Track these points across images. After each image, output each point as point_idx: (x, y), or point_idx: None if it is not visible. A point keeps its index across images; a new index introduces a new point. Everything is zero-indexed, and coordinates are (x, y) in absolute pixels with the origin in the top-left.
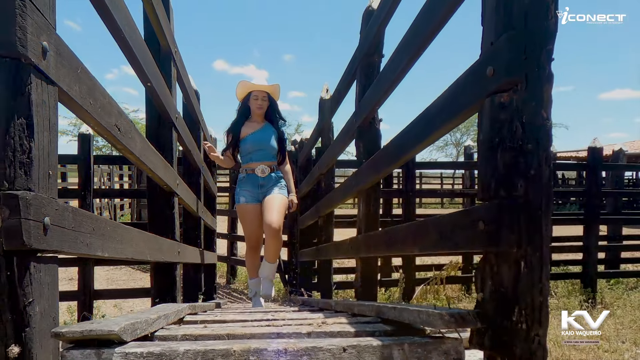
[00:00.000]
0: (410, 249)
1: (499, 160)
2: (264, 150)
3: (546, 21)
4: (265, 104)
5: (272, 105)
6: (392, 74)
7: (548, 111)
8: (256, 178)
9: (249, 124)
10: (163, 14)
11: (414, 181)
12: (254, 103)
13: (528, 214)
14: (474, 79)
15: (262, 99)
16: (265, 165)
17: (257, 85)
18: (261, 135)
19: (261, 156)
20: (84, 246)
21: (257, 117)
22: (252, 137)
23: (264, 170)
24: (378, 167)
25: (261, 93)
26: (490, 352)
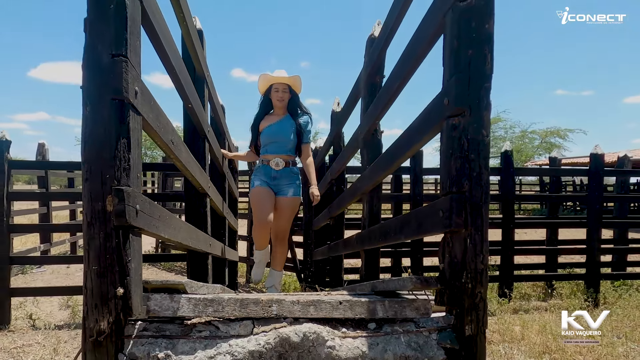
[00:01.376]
0: (399, 238)
1: (452, 166)
2: (279, 143)
3: (484, 67)
4: (287, 96)
5: (293, 98)
6: (387, 95)
7: (487, 130)
8: (269, 170)
9: (270, 117)
10: (198, 45)
11: (421, 186)
12: (274, 95)
13: (471, 205)
14: (436, 106)
15: (283, 91)
16: (280, 159)
17: (277, 77)
18: (277, 128)
19: (276, 148)
20: (154, 228)
21: (278, 110)
22: (268, 129)
23: (279, 163)
24: (378, 172)
25: (282, 85)
26: (448, 307)
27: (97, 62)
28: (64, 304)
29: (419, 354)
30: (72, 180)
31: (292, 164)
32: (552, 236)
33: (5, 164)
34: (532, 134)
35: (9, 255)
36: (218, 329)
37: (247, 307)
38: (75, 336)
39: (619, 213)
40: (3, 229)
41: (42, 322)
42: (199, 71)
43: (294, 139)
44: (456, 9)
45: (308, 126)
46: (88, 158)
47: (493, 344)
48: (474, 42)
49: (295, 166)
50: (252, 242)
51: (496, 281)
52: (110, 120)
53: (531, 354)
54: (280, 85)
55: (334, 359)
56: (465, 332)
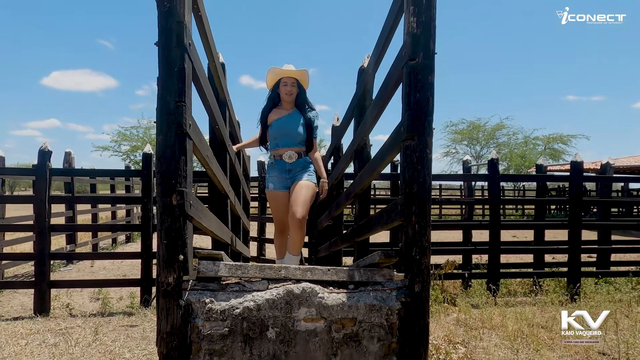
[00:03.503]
0: (377, 229)
1: (406, 174)
2: (290, 137)
3: (427, 106)
4: (295, 90)
5: (301, 93)
6: (370, 118)
7: (430, 149)
8: (283, 164)
9: (278, 111)
10: (222, 75)
11: None
12: (283, 89)
13: (418, 201)
14: (397, 132)
15: (291, 85)
16: (293, 152)
17: (285, 71)
18: (287, 121)
19: (287, 142)
20: (199, 218)
21: (286, 104)
22: (277, 123)
23: (291, 155)
24: (364, 179)
25: (290, 79)
26: (403, 273)
27: (166, 106)
28: (93, 297)
29: (382, 304)
30: (94, 186)
31: (304, 155)
32: (539, 237)
33: (47, 171)
34: (535, 140)
35: (49, 252)
36: (244, 286)
37: (264, 271)
38: (109, 322)
39: (600, 216)
40: (45, 228)
41: (77, 311)
42: (221, 96)
43: (303, 133)
44: (408, 65)
45: (316, 121)
46: (160, 169)
47: (474, 329)
48: (420, 89)
49: (307, 156)
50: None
51: (484, 278)
52: (174, 145)
53: (505, 337)
54: (289, 79)
55: (323, 305)
56: (415, 289)
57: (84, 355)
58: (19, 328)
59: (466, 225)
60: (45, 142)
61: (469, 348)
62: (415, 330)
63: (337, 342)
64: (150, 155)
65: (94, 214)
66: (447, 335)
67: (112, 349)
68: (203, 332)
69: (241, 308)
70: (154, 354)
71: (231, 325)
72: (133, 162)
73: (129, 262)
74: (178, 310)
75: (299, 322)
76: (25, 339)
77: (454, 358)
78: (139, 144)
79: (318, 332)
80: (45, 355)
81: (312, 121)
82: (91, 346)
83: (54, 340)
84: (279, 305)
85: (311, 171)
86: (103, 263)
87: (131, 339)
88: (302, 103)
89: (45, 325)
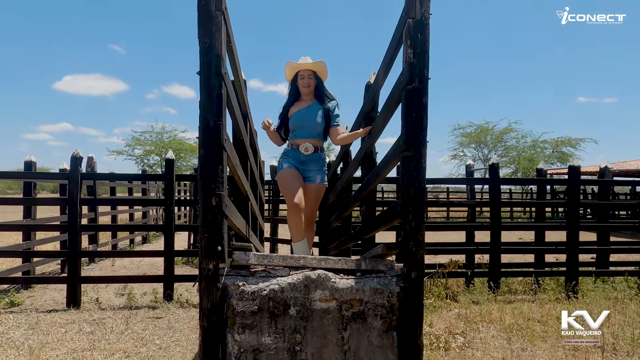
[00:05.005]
0: (380, 227)
1: (404, 180)
2: (307, 128)
3: (422, 123)
4: (312, 82)
5: (319, 85)
6: (375, 130)
7: (424, 159)
8: (299, 154)
9: (298, 103)
10: (244, 90)
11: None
12: (300, 82)
13: (414, 202)
14: (397, 145)
15: (309, 77)
16: (310, 144)
17: (302, 64)
18: (306, 113)
19: (304, 133)
20: (230, 216)
21: (305, 97)
22: (296, 115)
23: (308, 148)
24: (370, 183)
25: (307, 72)
26: (402, 263)
27: (207, 125)
28: (118, 293)
29: (384, 288)
30: (113, 189)
31: (321, 150)
32: (540, 238)
33: (79, 175)
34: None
35: (80, 250)
36: (270, 273)
37: (286, 260)
38: (136, 314)
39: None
40: (78, 228)
41: (105, 305)
42: (243, 109)
43: (322, 124)
44: (406, 89)
45: (336, 110)
46: (203, 176)
47: (474, 323)
48: (416, 109)
49: (323, 152)
50: (275, 242)
51: (485, 276)
52: (214, 157)
53: (502, 330)
54: (306, 72)
55: (335, 288)
56: (412, 276)
57: (119, 340)
58: (57, 318)
59: (469, 226)
60: (77, 150)
61: (467, 338)
62: (412, 310)
63: (346, 319)
64: (172, 161)
65: (113, 216)
66: (448, 327)
67: (143, 336)
68: (237, 310)
69: (268, 290)
70: (181, 340)
71: (260, 304)
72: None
73: (147, 261)
74: (216, 291)
75: (315, 302)
76: (64, 327)
77: (453, 346)
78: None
79: (331, 310)
80: (84, 340)
81: (331, 110)
82: (124, 334)
83: (90, 328)
84: (298, 288)
85: (324, 170)
86: (123, 262)
87: (159, 328)
88: (320, 94)
89: (79, 316)
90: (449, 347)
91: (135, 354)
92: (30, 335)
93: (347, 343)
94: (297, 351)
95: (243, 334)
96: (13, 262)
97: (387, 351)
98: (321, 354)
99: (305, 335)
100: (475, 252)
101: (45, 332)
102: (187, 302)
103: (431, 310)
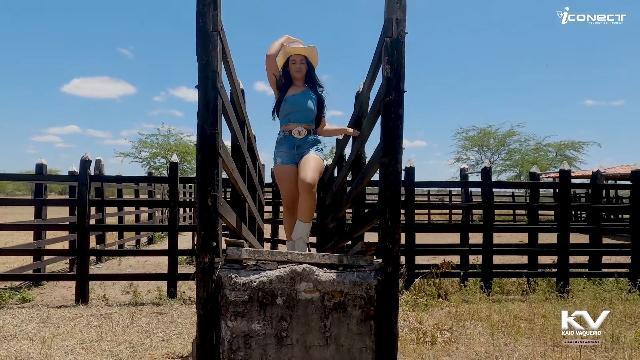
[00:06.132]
0: (365, 226)
1: (382, 182)
2: (302, 112)
3: (397, 132)
4: (304, 67)
5: (310, 71)
6: (361, 138)
7: (400, 164)
8: (292, 139)
9: (292, 89)
10: (242, 99)
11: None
12: (292, 67)
13: (391, 204)
14: (377, 152)
15: (300, 62)
16: (302, 128)
17: (293, 48)
18: (300, 98)
19: (298, 117)
20: (225, 214)
21: (297, 82)
22: (291, 99)
23: (300, 131)
24: (357, 185)
25: (298, 57)
26: (381, 259)
27: (204, 133)
28: (124, 290)
29: (363, 280)
30: (120, 191)
31: (313, 133)
32: (533, 240)
33: (87, 178)
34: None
35: (88, 249)
36: (260, 266)
37: (275, 255)
38: (141, 310)
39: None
40: (86, 228)
41: (111, 301)
42: (241, 116)
43: (314, 111)
44: (384, 101)
45: (325, 100)
46: (200, 179)
47: (462, 320)
48: (392, 119)
49: (315, 134)
50: (275, 243)
51: (478, 277)
52: (210, 161)
53: (488, 327)
54: (297, 57)
55: (318, 280)
56: (388, 270)
57: (125, 333)
58: (66, 313)
59: (463, 228)
60: (87, 153)
61: (454, 334)
62: (388, 301)
63: (328, 308)
64: (176, 164)
65: (119, 217)
66: (436, 323)
67: (147, 330)
68: (230, 299)
69: (257, 282)
70: (182, 333)
71: (250, 294)
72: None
73: (152, 261)
74: (212, 282)
75: (300, 292)
76: (73, 321)
77: (439, 341)
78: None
79: (314, 300)
80: (92, 333)
81: (322, 101)
82: (130, 327)
83: (97, 322)
84: (285, 280)
85: (319, 148)
86: (129, 262)
87: (162, 322)
88: (311, 81)
89: (87, 311)
90: (435, 342)
91: (140, 345)
92: (42, 328)
93: (329, 330)
94: (283, 337)
95: (235, 321)
96: (23, 261)
97: (365, 338)
98: (305, 339)
99: (291, 323)
100: (468, 254)
101: (55, 325)
102: (189, 299)
103: (422, 308)
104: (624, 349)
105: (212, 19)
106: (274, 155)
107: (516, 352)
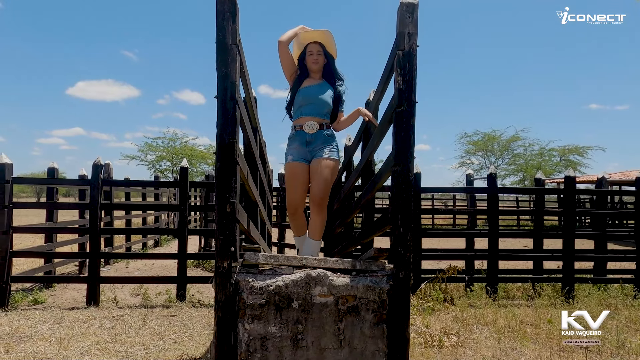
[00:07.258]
0: (376, 232)
1: (394, 190)
2: (315, 105)
3: (409, 142)
4: (321, 59)
5: (329, 63)
6: (371, 145)
7: (411, 172)
8: (304, 135)
9: (308, 80)
10: (255, 107)
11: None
12: (309, 59)
13: (402, 211)
14: (389, 160)
15: (317, 53)
16: (315, 122)
17: (306, 34)
18: (315, 90)
19: (311, 110)
20: (241, 220)
21: (314, 74)
22: (305, 90)
23: (312, 126)
24: (368, 191)
25: (315, 47)
26: (393, 264)
27: (223, 143)
28: (133, 293)
29: (376, 285)
30: (128, 194)
31: (327, 127)
32: (538, 245)
33: (99, 182)
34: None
35: (100, 252)
36: (276, 271)
37: (290, 260)
38: (152, 312)
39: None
40: (98, 231)
41: (122, 303)
42: (253, 124)
43: (330, 105)
44: (396, 112)
45: (344, 95)
46: (219, 186)
47: (469, 325)
48: (404, 129)
49: (330, 129)
50: (282, 247)
51: (483, 282)
52: (229, 169)
53: (494, 331)
54: (314, 47)
55: (333, 285)
56: (400, 275)
57: (137, 335)
58: (79, 315)
59: (469, 233)
60: (98, 157)
61: (461, 338)
62: (400, 305)
63: (342, 312)
64: (186, 169)
65: (127, 220)
66: (443, 328)
67: (159, 332)
68: (247, 302)
69: (274, 286)
70: (194, 336)
71: (267, 298)
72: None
73: (159, 264)
74: (230, 286)
75: (315, 297)
76: (86, 323)
77: (447, 345)
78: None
79: (328, 304)
80: (106, 334)
81: (341, 94)
82: (142, 329)
83: (110, 324)
84: (300, 284)
85: (333, 146)
86: (137, 264)
87: (173, 325)
88: (330, 74)
89: (99, 313)
90: (443, 346)
91: (154, 347)
92: (57, 329)
93: (343, 333)
94: (299, 339)
95: (252, 324)
96: (33, 263)
97: (378, 341)
98: (320, 342)
99: (306, 326)
100: (474, 259)
101: (69, 327)
102: (198, 302)
103: (429, 312)
104: (630, 354)
105: (231, 32)
106: (285, 152)
107: (523, 356)
